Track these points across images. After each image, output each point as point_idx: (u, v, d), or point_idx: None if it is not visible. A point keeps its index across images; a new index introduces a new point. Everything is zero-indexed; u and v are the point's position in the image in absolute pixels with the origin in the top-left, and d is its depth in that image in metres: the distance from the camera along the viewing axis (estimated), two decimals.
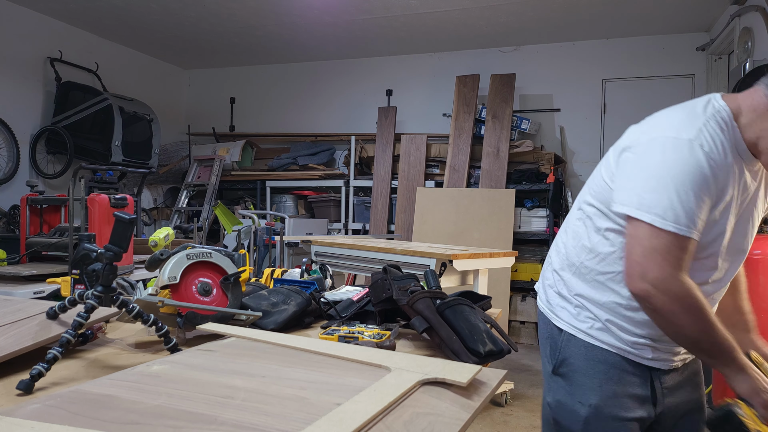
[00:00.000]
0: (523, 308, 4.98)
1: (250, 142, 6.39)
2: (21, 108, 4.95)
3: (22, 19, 4.94)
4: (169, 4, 4.86)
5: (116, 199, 2.81)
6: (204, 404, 0.73)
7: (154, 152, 5.50)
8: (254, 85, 6.80)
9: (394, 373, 0.87)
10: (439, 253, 2.81)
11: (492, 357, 1.14)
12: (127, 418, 0.69)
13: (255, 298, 1.46)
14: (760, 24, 3.81)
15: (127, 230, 1.08)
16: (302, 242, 3.55)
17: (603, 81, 5.57)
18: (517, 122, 5.46)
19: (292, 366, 0.92)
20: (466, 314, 1.22)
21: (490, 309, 1.54)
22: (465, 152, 5.38)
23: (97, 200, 2.78)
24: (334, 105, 6.45)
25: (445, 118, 5.89)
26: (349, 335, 1.26)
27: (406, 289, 1.36)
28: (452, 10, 4.87)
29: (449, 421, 0.73)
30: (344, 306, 1.54)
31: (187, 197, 6.01)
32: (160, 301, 1.19)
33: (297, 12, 4.98)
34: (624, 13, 4.86)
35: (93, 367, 1.06)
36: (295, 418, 0.69)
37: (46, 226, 3.07)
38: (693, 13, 4.84)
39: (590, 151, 5.60)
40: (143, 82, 6.33)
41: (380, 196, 5.65)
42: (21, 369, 1.00)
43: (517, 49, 5.82)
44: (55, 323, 1.14)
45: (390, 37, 5.62)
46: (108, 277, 1.08)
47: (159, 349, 1.19)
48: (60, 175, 5.08)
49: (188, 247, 1.31)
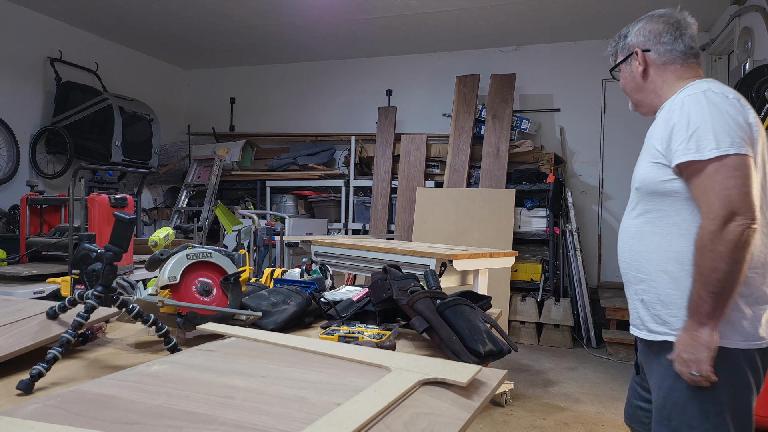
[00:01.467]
0: (523, 308, 4.98)
1: (250, 142, 6.39)
2: (21, 108, 4.95)
3: (22, 19, 4.94)
4: (169, 4, 4.86)
5: (116, 199, 2.81)
6: (204, 404, 0.73)
7: (154, 152, 5.50)
8: (254, 85, 6.80)
9: (394, 373, 0.87)
10: (439, 253, 2.81)
11: (492, 357, 1.14)
12: (127, 418, 0.69)
13: (255, 298, 1.45)
14: (760, 24, 3.81)
15: (127, 230, 1.08)
16: (302, 242, 3.55)
17: (603, 81, 5.56)
18: (517, 122, 5.46)
19: (292, 366, 0.92)
20: (466, 314, 1.22)
21: (490, 309, 1.54)
22: (465, 152, 5.38)
23: (97, 200, 2.78)
24: (334, 105, 6.45)
25: (445, 118, 5.89)
26: (349, 335, 1.26)
27: (406, 289, 1.36)
28: (452, 10, 4.87)
29: (449, 421, 0.73)
30: (344, 306, 1.54)
31: (187, 197, 6.01)
32: (160, 301, 1.19)
33: (297, 12, 4.98)
34: (624, 13, 4.86)
35: (93, 367, 1.06)
36: (295, 418, 0.69)
37: (46, 226, 3.07)
38: (693, 13, 4.77)
39: (590, 151, 5.60)
40: (143, 82, 6.33)
41: (380, 196, 5.65)
42: (21, 369, 1.00)
43: (517, 49, 5.82)
44: (55, 323, 1.14)
45: (390, 37, 5.63)
46: (108, 277, 1.08)
47: (159, 349, 1.19)
48: (60, 175, 5.09)
49: (188, 247, 1.31)
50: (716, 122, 1.27)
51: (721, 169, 1.24)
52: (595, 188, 5.58)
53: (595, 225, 5.58)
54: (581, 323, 4.94)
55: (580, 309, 4.94)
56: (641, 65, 1.54)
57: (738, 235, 1.21)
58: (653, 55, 1.52)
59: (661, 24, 1.54)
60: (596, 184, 5.58)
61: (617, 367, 4.20)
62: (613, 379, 3.92)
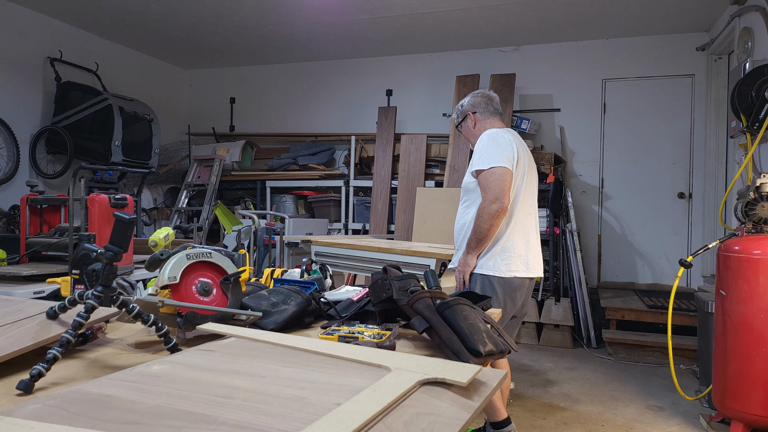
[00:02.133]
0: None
1: (250, 142, 6.39)
2: (21, 108, 4.95)
3: (22, 19, 4.94)
4: (169, 4, 4.86)
5: (116, 199, 2.81)
6: (204, 404, 0.73)
7: (154, 152, 5.50)
8: (254, 85, 6.80)
9: (394, 373, 0.87)
10: (439, 253, 2.81)
11: (492, 357, 1.14)
12: (127, 418, 0.69)
13: (255, 298, 1.45)
14: (760, 24, 3.81)
15: (127, 230, 1.08)
16: (302, 242, 3.55)
17: (603, 81, 5.57)
18: (517, 122, 5.46)
19: (292, 366, 0.92)
20: (466, 314, 1.22)
21: (490, 309, 1.54)
22: (465, 152, 5.37)
23: (97, 200, 2.78)
24: (334, 105, 6.45)
25: (445, 118, 5.89)
26: (349, 335, 1.25)
27: (406, 289, 1.36)
28: (452, 10, 4.87)
29: (449, 421, 0.73)
30: (344, 306, 1.54)
31: (187, 197, 6.01)
32: (160, 301, 1.19)
33: (297, 12, 4.98)
34: (624, 13, 4.86)
35: (93, 367, 1.06)
36: (295, 418, 0.69)
37: (46, 226, 3.07)
38: (693, 13, 4.84)
39: (590, 151, 5.60)
40: (143, 82, 6.33)
41: (380, 196, 5.65)
42: (21, 369, 1.00)
43: (517, 49, 5.82)
44: (55, 323, 1.14)
45: (390, 37, 5.63)
46: (108, 277, 1.08)
47: (159, 349, 1.19)
48: (60, 175, 5.08)
49: (188, 247, 1.31)
50: (493, 149, 2.35)
51: (493, 174, 2.31)
52: (595, 188, 5.58)
53: (595, 225, 5.58)
54: (581, 323, 4.94)
55: (580, 309, 4.94)
56: (472, 120, 2.62)
57: (495, 210, 2.29)
58: (478, 115, 2.62)
59: (480, 98, 2.62)
60: (596, 184, 5.58)
61: (617, 367, 4.20)
62: (613, 379, 3.92)
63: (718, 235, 4.85)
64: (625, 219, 5.52)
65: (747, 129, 3.53)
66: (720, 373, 2.78)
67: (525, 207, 2.45)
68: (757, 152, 3.78)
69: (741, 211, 2.81)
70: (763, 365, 2.59)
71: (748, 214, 2.79)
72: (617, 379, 3.90)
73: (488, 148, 2.34)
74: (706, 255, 4.91)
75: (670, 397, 3.54)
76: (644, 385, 3.79)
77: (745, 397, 2.65)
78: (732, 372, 2.70)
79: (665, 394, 3.60)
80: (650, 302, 4.73)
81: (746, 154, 3.69)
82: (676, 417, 3.22)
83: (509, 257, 2.38)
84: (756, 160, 3.80)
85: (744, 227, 2.82)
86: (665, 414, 3.27)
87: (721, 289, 2.80)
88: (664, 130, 5.39)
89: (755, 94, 3.44)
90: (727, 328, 2.74)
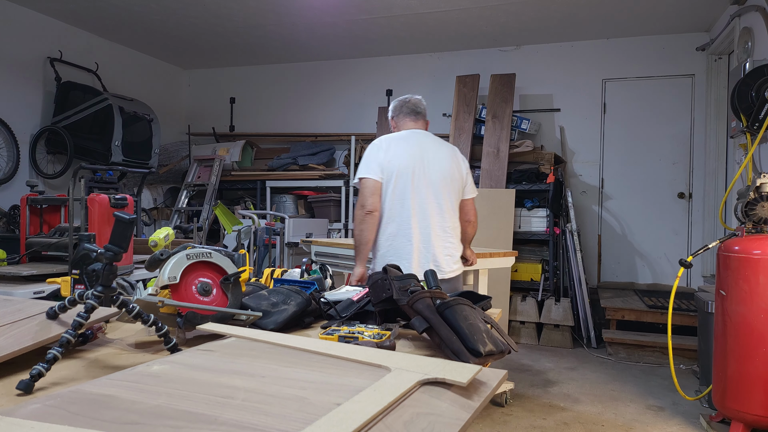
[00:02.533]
0: (523, 308, 4.98)
1: (250, 142, 6.39)
2: (21, 108, 4.95)
3: (22, 19, 4.94)
4: (169, 4, 4.86)
5: (116, 199, 2.81)
6: (204, 404, 0.73)
7: (154, 152, 5.50)
8: (254, 85, 6.80)
9: (394, 373, 0.87)
10: None
11: (492, 357, 1.14)
12: (127, 418, 0.69)
13: (255, 298, 1.45)
14: (760, 24, 3.81)
15: (127, 230, 1.08)
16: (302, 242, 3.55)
17: (603, 81, 5.57)
18: (517, 122, 5.46)
19: (292, 366, 0.92)
20: (466, 314, 1.22)
21: (490, 309, 1.54)
22: (465, 152, 5.37)
23: (97, 200, 2.78)
24: (334, 105, 6.45)
25: (445, 118, 5.89)
26: (349, 335, 1.25)
27: (406, 289, 1.36)
28: (452, 10, 4.87)
29: (449, 421, 0.73)
30: (344, 306, 1.54)
31: (187, 197, 6.01)
32: (160, 301, 1.19)
33: (297, 12, 4.98)
34: (624, 13, 4.86)
35: (93, 367, 1.06)
36: (295, 418, 0.69)
37: (46, 226, 3.07)
38: (693, 13, 4.84)
39: (590, 151, 5.60)
40: (143, 82, 6.33)
41: None
42: (21, 369, 1.00)
43: (517, 49, 5.82)
44: (55, 323, 1.14)
45: (390, 37, 5.62)
46: (108, 277, 1.08)
47: (159, 349, 1.19)
48: (60, 175, 5.08)
49: (188, 247, 1.31)
50: (363, 161, 2.53)
51: (360, 185, 2.51)
52: (595, 188, 5.58)
53: (595, 225, 5.58)
54: (581, 323, 4.94)
55: (580, 309, 4.94)
56: (393, 124, 2.76)
57: (362, 216, 2.45)
58: (395, 119, 2.75)
59: (397, 102, 2.76)
60: (596, 184, 5.58)
61: (617, 367, 4.20)
62: (613, 379, 3.92)
63: (718, 235, 4.85)
64: (625, 219, 5.52)
65: (747, 129, 3.53)
66: (720, 373, 2.78)
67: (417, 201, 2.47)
68: (757, 152, 3.78)
69: (741, 211, 2.81)
70: (763, 365, 2.59)
71: (748, 214, 2.79)
72: (617, 379, 3.90)
73: (362, 161, 2.54)
74: (706, 255, 4.91)
75: (670, 397, 3.54)
76: (644, 385, 3.79)
77: (745, 397, 2.65)
78: (732, 372, 2.70)
79: (665, 394, 3.60)
80: (650, 302, 4.73)
81: (746, 154, 3.69)
82: (676, 417, 3.22)
83: (393, 260, 2.39)
84: (756, 160, 3.80)
85: (744, 227, 2.82)
86: (665, 414, 3.27)
87: (721, 289, 2.80)
88: (664, 130, 5.39)
89: (755, 94, 3.44)
90: (727, 328, 2.74)
